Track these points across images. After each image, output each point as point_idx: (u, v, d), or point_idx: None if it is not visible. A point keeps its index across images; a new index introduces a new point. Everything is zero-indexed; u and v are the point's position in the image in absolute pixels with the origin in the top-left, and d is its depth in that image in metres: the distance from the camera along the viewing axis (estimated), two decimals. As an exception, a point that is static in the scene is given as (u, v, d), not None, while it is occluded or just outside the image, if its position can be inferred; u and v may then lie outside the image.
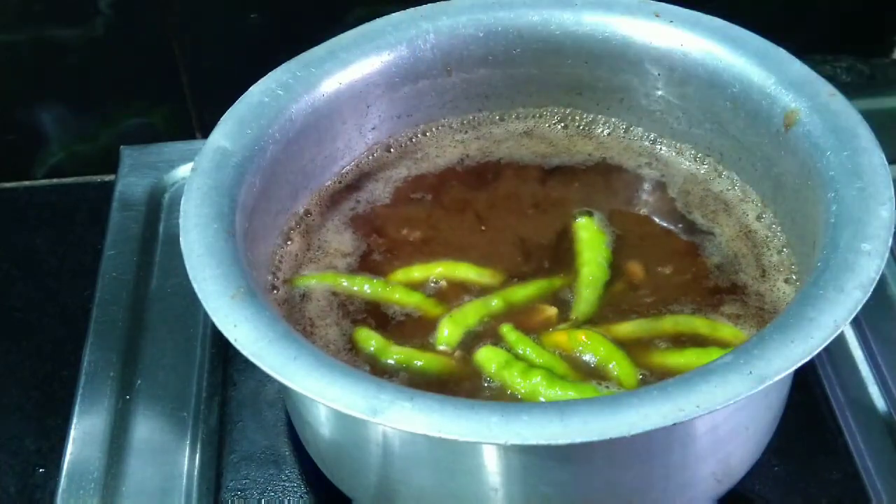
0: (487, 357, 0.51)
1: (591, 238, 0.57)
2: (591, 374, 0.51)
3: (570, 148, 0.62)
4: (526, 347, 0.51)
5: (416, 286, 0.55)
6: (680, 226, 0.58)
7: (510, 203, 0.60)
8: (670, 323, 0.53)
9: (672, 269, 0.56)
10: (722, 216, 0.58)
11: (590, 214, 0.58)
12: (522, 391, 0.50)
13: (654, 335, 0.52)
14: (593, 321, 0.53)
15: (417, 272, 0.56)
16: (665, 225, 0.58)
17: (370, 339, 0.53)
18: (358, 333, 0.53)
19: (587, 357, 0.51)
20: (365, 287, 0.55)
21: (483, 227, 0.59)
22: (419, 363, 0.51)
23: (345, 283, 0.55)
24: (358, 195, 0.60)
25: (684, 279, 0.55)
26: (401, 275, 0.56)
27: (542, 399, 0.49)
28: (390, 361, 0.52)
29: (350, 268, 0.57)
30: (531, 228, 0.58)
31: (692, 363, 0.50)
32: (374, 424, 0.47)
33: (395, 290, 0.55)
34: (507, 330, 0.53)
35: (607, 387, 0.50)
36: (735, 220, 0.58)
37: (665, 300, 0.54)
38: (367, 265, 0.57)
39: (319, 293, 0.55)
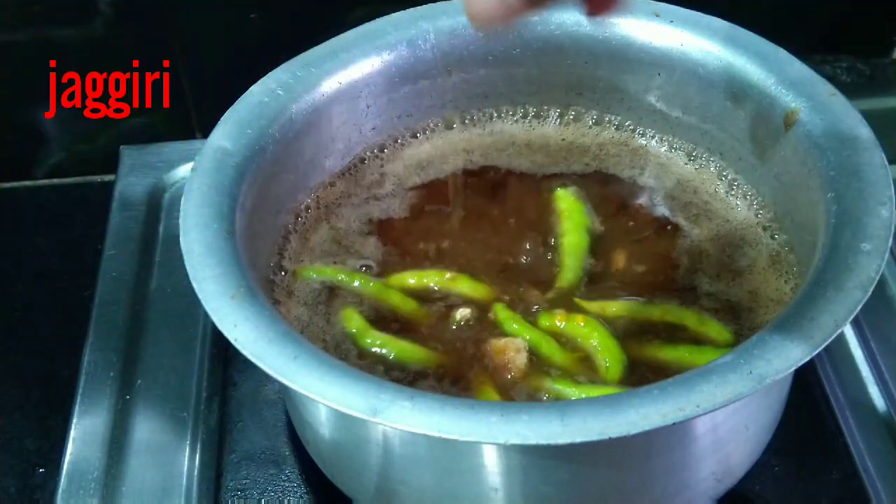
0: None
1: (569, 207, 0.58)
2: (579, 357, 0.52)
3: (568, 150, 0.62)
4: (515, 325, 0.52)
5: (410, 291, 0.55)
6: (680, 222, 0.58)
7: (512, 203, 0.60)
8: (660, 311, 0.53)
9: (668, 264, 0.56)
10: (721, 215, 0.58)
11: (566, 186, 0.59)
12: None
13: (643, 319, 0.53)
14: (578, 291, 0.54)
15: (413, 279, 0.56)
16: (664, 220, 0.58)
17: (352, 320, 0.53)
18: (345, 313, 0.54)
19: (578, 340, 0.52)
20: (363, 286, 0.55)
21: (484, 226, 0.59)
22: (395, 353, 0.52)
23: (342, 278, 0.56)
24: (358, 195, 0.60)
25: (680, 273, 0.55)
26: (395, 280, 0.56)
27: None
28: (374, 350, 0.52)
29: (350, 266, 0.57)
30: (530, 229, 0.58)
31: (684, 358, 0.51)
32: (374, 424, 0.47)
33: (392, 295, 0.55)
34: (498, 309, 0.53)
35: (591, 379, 0.51)
36: (735, 219, 0.58)
37: (659, 291, 0.54)
38: (367, 264, 0.57)
39: (319, 291, 0.55)
